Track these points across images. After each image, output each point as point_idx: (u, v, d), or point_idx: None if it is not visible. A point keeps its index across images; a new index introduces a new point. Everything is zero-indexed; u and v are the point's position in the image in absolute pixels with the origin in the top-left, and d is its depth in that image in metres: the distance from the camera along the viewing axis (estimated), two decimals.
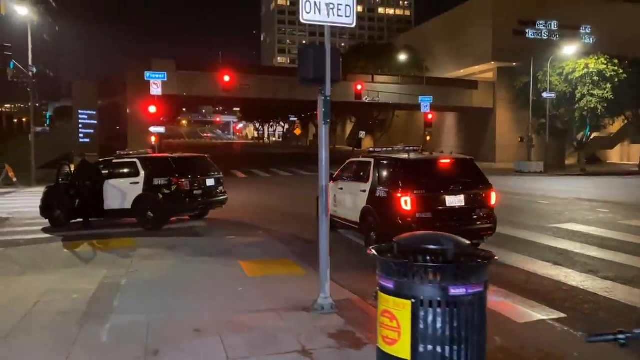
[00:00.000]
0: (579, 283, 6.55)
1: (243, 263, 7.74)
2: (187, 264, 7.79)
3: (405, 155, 8.63)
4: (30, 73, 24.76)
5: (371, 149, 10.33)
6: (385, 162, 8.65)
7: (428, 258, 2.63)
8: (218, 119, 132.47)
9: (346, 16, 5.09)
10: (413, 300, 2.53)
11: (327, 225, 5.51)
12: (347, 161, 10.52)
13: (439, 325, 2.51)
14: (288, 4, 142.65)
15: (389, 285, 2.61)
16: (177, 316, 5.24)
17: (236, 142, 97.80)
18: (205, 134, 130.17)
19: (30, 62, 24.37)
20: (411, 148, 9.38)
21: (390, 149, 9.96)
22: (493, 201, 8.25)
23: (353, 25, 5.14)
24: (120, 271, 7.20)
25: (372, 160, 9.08)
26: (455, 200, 7.92)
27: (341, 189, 9.96)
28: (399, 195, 7.81)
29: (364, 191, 8.87)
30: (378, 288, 2.78)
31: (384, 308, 2.67)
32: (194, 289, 6.31)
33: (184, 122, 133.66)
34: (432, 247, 2.62)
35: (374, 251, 2.79)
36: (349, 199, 9.55)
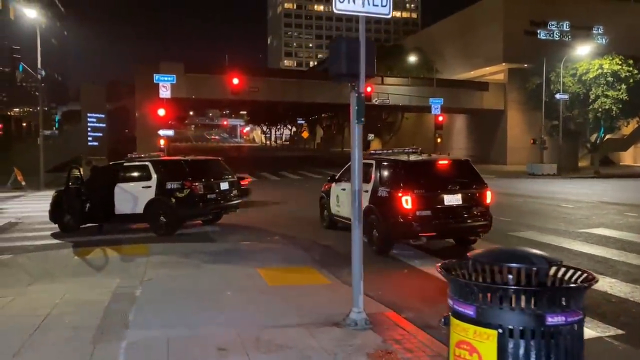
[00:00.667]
0: (628, 294, 6.07)
1: (262, 271, 7.34)
2: (204, 272, 7.40)
3: (405, 157, 9.01)
4: (39, 76, 24.55)
5: (372, 151, 10.65)
6: (386, 163, 9.02)
7: (520, 279, 2.19)
8: (225, 122, 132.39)
9: (382, 5, 4.69)
10: (500, 330, 2.11)
11: (360, 233, 5.10)
12: (349, 163, 10.71)
13: (532, 359, 2.08)
14: (294, 7, 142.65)
15: (468, 311, 2.19)
16: (198, 332, 4.84)
17: (243, 145, 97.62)
18: (212, 137, 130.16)
19: (39, 66, 24.17)
20: (410, 150, 9.71)
21: (390, 151, 10.30)
22: (488, 200, 8.72)
23: (389, 16, 4.74)
24: (134, 280, 6.82)
25: (373, 162, 9.36)
26: (452, 199, 8.36)
27: (343, 189, 10.42)
28: (400, 194, 8.22)
29: (366, 191, 8.99)
30: (450, 313, 2.34)
31: (460, 338, 2.25)
32: (213, 300, 5.91)
33: (192, 125, 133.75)
34: (520, 265, 2.19)
35: (444, 270, 2.36)
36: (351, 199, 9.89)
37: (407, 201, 8.13)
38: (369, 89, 34.09)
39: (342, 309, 5.39)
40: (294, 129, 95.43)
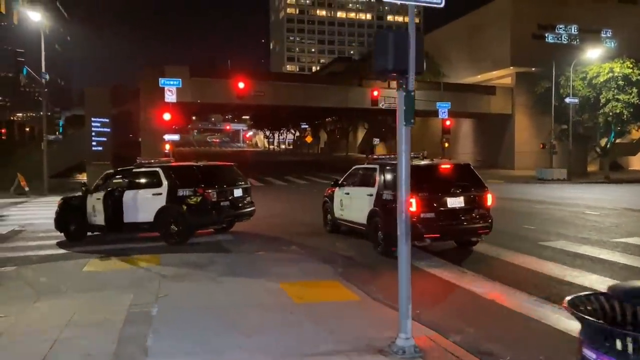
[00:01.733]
0: None
1: (285, 286, 6.81)
2: (222, 286, 6.87)
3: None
4: (43, 80, 24.12)
5: (375, 156, 11.10)
6: (390, 167, 9.23)
7: None
8: (227, 127, 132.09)
9: None
10: None
11: (408, 250, 4.55)
12: (353, 168, 11.19)
13: None
14: (297, 12, 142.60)
15: None
16: None
17: (247, 150, 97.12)
18: (213, 140, 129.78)
19: (43, 69, 23.74)
20: (413, 154, 9.90)
21: (393, 155, 10.47)
22: (489, 202, 9.01)
23: (442, 5, 4.23)
24: (149, 296, 6.28)
25: (377, 166, 9.79)
26: (455, 202, 8.68)
27: (347, 193, 10.68)
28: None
29: (371, 195, 9.51)
30: None
31: None
32: (237, 320, 5.37)
33: (194, 130, 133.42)
34: None
35: (574, 310, 1.82)
36: (355, 203, 10.22)
37: (411, 204, 8.28)
38: (375, 93, 33.74)
39: (381, 332, 4.88)
40: (297, 133, 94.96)
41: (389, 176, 9.21)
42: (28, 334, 5.01)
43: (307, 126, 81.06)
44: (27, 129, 54.61)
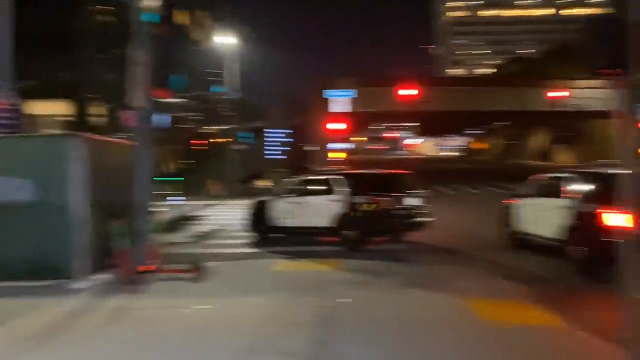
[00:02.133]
0: None
1: (470, 303, 6.41)
2: (404, 297, 6.76)
3: (611, 170, 8.10)
4: (236, 97, 27.43)
5: (568, 166, 9.99)
6: (589, 176, 8.71)
7: None
8: (391, 135, 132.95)
9: None
10: None
11: None
12: (538, 176, 10.59)
13: None
14: (463, 14, 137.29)
15: None
16: None
17: (411, 158, 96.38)
18: (377, 147, 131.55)
19: (234, 88, 27.01)
20: (608, 162, 9.21)
21: (596, 163, 9.87)
22: None
23: None
24: (333, 300, 6.48)
25: (573, 175, 9.20)
26: None
27: (533, 205, 9.98)
28: (615, 212, 7.31)
29: (566, 207, 8.72)
30: None
31: None
32: (425, 336, 5.18)
33: (363, 138, 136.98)
34: None
35: None
36: (544, 216, 9.45)
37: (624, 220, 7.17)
38: (555, 94, 30.60)
39: None
40: (466, 139, 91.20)
41: (590, 187, 8.50)
42: (229, 327, 5.52)
43: (478, 131, 77.32)
44: (219, 140, 62.29)
